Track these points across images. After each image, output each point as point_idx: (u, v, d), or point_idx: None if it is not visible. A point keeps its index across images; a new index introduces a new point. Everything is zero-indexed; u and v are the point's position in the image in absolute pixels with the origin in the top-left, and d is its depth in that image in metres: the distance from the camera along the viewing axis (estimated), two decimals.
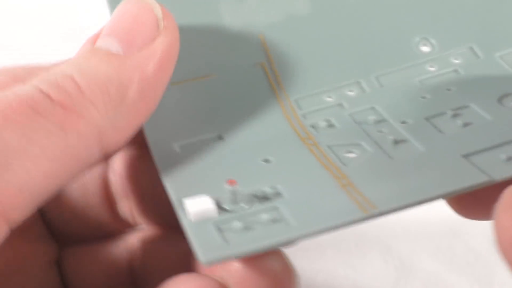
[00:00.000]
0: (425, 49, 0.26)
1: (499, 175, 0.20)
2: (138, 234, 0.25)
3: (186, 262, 0.23)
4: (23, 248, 0.24)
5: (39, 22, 0.53)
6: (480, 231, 0.36)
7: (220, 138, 0.24)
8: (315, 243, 0.35)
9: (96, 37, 0.23)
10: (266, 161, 0.22)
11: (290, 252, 0.22)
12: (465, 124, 0.22)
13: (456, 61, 0.26)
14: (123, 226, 0.25)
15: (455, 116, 0.23)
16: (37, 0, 0.54)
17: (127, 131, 0.21)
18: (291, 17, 0.26)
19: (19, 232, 0.22)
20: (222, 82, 0.25)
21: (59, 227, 0.25)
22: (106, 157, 0.22)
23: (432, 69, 0.26)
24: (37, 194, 0.19)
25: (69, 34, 0.52)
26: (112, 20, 0.23)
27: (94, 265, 0.25)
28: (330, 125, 0.24)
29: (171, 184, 0.22)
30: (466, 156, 0.21)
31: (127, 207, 0.25)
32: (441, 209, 0.37)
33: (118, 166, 0.25)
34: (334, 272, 0.35)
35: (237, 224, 0.20)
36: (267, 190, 0.21)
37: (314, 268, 0.35)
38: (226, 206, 0.20)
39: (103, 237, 0.25)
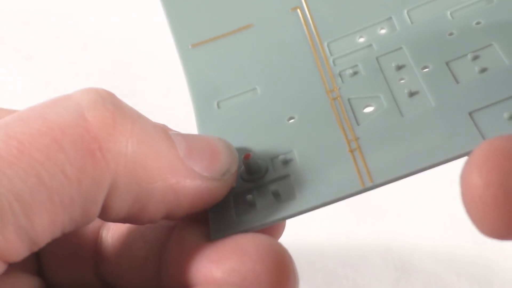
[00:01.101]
0: None
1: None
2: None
3: (156, 252, 0.22)
4: None
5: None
6: None
7: (255, 91, 0.25)
8: (315, 243, 0.35)
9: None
10: (291, 118, 0.24)
11: (291, 252, 0.22)
12: (482, 70, 0.22)
13: None
14: None
15: (474, 59, 0.23)
16: None
17: (127, 211, 0.20)
18: None
19: None
20: (260, 31, 0.26)
21: None
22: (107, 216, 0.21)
23: None
24: (35, 243, 0.19)
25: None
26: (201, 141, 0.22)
27: (62, 240, 0.24)
28: (356, 72, 0.24)
29: None
30: (472, 113, 0.21)
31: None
32: (441, 208, 0.37)
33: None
34: (334, 272, 0.35)
35: (249, 197, 0.21)
36: (282, 156, 0.22)
37: (314, 269, 0.35)
38: (243, 177, 0.22)
39: None
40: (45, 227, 0.19)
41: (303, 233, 0.21)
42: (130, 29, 0.51)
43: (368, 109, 0.23)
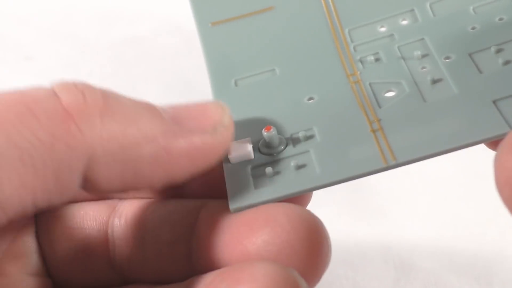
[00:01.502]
0: None
1: None
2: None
3: (185, 234, 0.22)
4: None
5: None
6: (481, 231, 0.36)
7: (273, 72, 0.25)
8: None
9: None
10: (310, 99, 0.24)
11: None
12: (506, 62, 0.23)
13: None
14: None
15: (497, 52, 0.23)
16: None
17: (120, 179, 0.20)
18: None
19: None
20: (280, 14, 0.27)
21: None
22: (82, 186, 0.20)
23: None
24: (4, 206, 0.18)
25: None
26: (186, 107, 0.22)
27: (68, 228, 0.24)
28: (377, 59, 0.24)
29: None
30: (496, 101, 0.21)
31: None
32: (442, 208, 0.37)
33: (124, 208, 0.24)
34: (334, 272, 0.35)
35: (269, 170, 0.21)
36: (303, 133, 0.22)
37: None
38: (263, 150, 0.22)
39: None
40: (13, 190, 0.18)
41: None
42: (129, 29, 0.52)
43: (390, 94, 0.23)
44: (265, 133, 0.22)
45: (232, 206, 0.21)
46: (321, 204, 0.22)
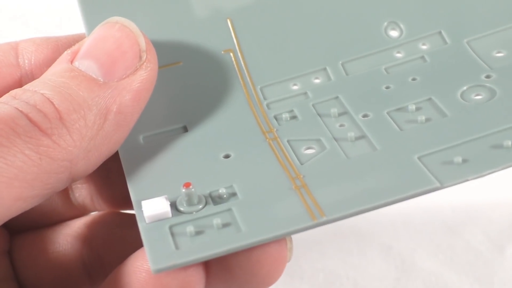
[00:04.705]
0: (394, 33, 0.26)
1: (449, 181, 0.20)
2: (90, 222, 0.26)
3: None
4: None
5: None
6: (481, 230, 0.36)
7: (184, 129, 0.24)
8: (315, 242, 0.35)
9: (73, 55, 0.22)
10: (226, 156, 0.23)
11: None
12: (425, 120, 0.23)
13: (424, 47, 0.26)
14: (76, 213, 0.26)
15: (416, 110, 0.23)
16: None
17: (98, 161, 0.21)
18: (260, 0, 0.26)
19: None
20: (189, 70, 0.25)
21: None
22: (72, 182, 0.22)
23: (399, 55, 0.26)
24: (2, 216, 0.19)
25: None
26: (92, 40, 0.22)
27: (44, 254, 0.25)
28: (293, 117, 0.24)
29: (132, 185, 0.22)
30: (421, 157, 0.21)
31: (86, 192, 0.25)
32: (442, 208, 0.37)
33: None
34: (334, 272, 0.35)
35: (190, 229, 0.20)
36: (223, 190, 0.22)
37: (314, 268, 0.35)
38: (181, 208, 0.21)
39: (54, 223, 0.26)
40: (12, 202, 0.19)
41: (303, 233, 0.21)
42: None
43: (310, 151, 0.23)
44: (184, 189, 0.21)
45: (154, 267, 0.20)
46: None
